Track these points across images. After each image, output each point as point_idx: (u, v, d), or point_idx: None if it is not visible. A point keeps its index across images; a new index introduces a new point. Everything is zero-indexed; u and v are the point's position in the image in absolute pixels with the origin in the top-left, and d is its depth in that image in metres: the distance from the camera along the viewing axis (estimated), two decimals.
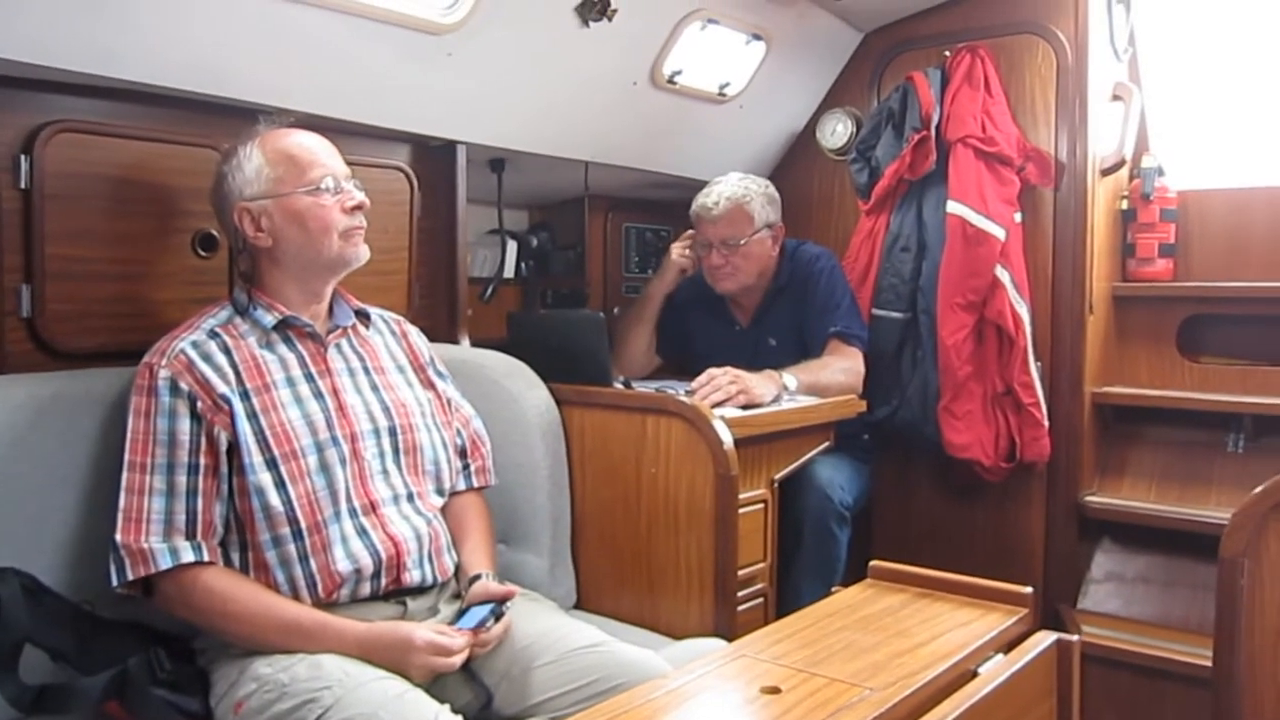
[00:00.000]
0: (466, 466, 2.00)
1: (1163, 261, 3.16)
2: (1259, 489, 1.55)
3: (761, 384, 2.47)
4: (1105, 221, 3.15)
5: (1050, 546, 3.08)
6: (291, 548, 1.67)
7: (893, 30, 3.32)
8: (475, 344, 2.58)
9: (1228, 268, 3.10)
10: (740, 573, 2.17)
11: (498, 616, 1.70)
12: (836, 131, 3.37)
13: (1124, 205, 3.21)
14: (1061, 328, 3.04)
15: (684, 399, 2.20)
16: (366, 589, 1.72)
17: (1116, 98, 3.18)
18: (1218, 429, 3.03)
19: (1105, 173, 3.12)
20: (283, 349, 1.79)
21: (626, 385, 2.48)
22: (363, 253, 1.85)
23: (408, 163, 2.51)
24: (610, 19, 2.53)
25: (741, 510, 2.16)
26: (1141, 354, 3.19)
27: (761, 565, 2.32)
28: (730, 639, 1.79)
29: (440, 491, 1.90)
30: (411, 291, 2.51)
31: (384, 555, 1.73)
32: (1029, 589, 1.42)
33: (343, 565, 1.69)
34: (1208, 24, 3.20)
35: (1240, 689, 1.57)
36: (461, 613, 1.74)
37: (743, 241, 2.84)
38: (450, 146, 2.58)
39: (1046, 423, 2.97)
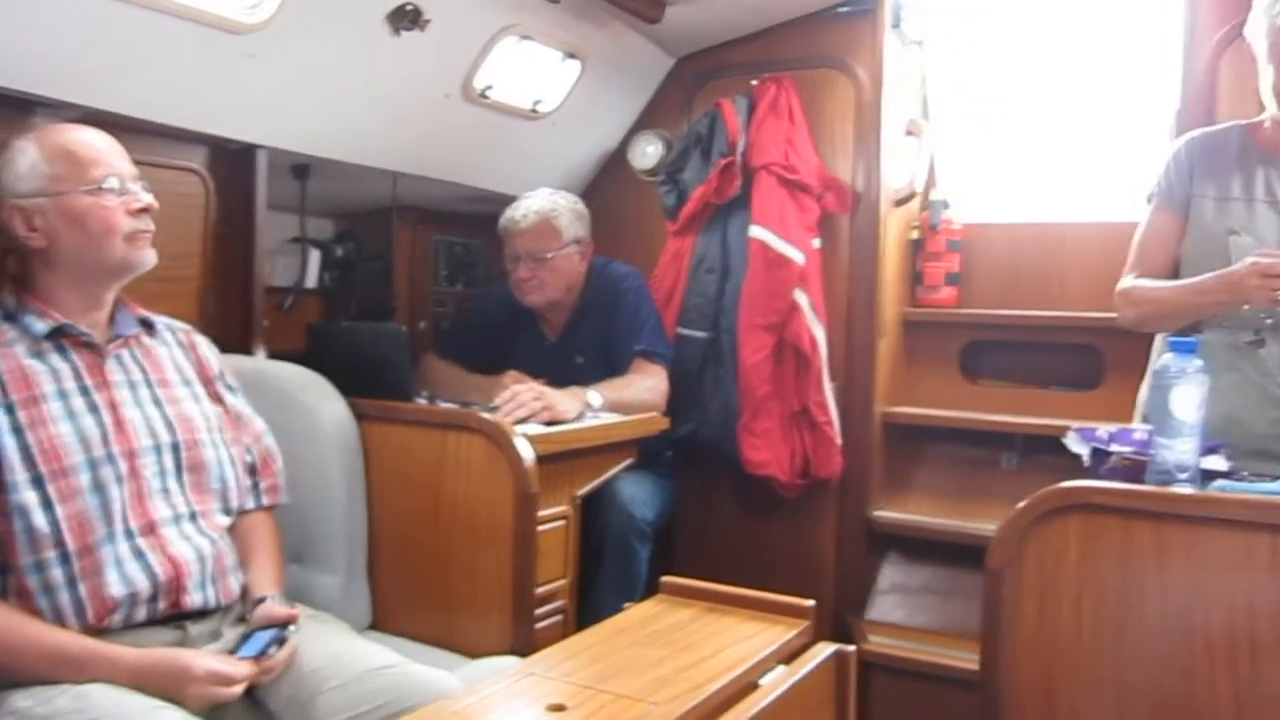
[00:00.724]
0: (256, 484, 1.92)
1: (948, 289, 3.36)
2: (1020, 505, 1.66)
3: (566, 400, 2.49)
4: (897, 250, 3.32)
5: (841, 560, 3.22)
6: (57, 572, 1.57)
7: (704, 57, 3.41)
8: (273, 356, 2.49)
9: (1005, 297, 3.31)
10: (540, 590, 2.17)
11: (281, 641, 1.64)
12: (648, 153, 3.43)
13: (914, 235, 3.39)
14: (855, 350, 3.19)
15: (486, 415, 2.19)
16: (142, 613, 1.63)
17: (910, 133, 3.36)
18: (994, 447, 3.23)
19: (898, 204, 3.30)
20: (55, 359, 1.68)
21: (431, 401, 2.45)
22: (149, 257, 1.76)
23: (204, 165, 2.41)
24: (423, 29, 2.50)
25: (542, 527, 2.16)
26: (927, 376, 3.38)
27: (562, 582, 2.33)
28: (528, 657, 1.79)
29: (227, 510, 1.82)
30: (204, 300, 2.40)
31: (162, 578, 1.64)
32: (811, 602, 1.47)
33: (116, 589, 1.60)
34: (993, 71, 3.43)
35: (1003, 691, 1.68)
36: (245, 638, 1.67)
37: (550, 255, 2.85)
38: (250, 150, 2.49)
39: (839, 441, 3.10)
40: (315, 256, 3.06)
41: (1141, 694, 1.56)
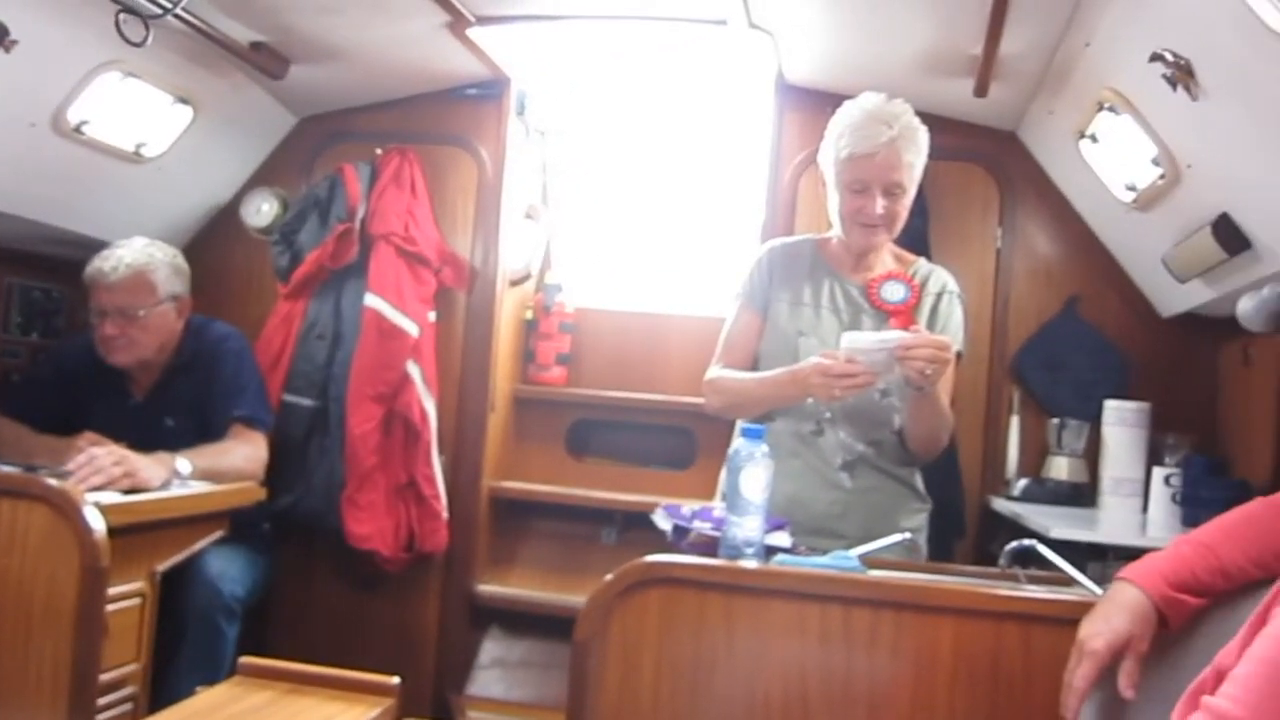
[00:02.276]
0: None
1: (558, 369, 3.48)
2: (607, 578, 1.73)
3: (150, 466, 2.29)
4: (511, 328, 3.41)
5: (443, 635, 3.19)
6: None
7: (330, 120, 3.36)
8: None
9: (612, 379, 3.49)
10: (106, 676, 1.97)
11: None
12: (262, 210, 3.29)
13: (529, 315, 3.50)
14: (465, 424, 3.21)
15: (53, 481, 1.96)
16: None
17: (529, 217, 3.49)
18: (596, 522, 3.36)
19: (514, 284, 3.40)
20: None
21: None
22: None
23: None
24: (8, 50, 2.26)
25: (112, 606, 1.97)
26: (536, 452, 3.47)
27: (133, 667, 2.12)
28: None
29: None
30: None
31: None
32: (395, 679, 1.45)
33: None
34: (608, 169, 3.66)
35: None
36: None
37: (142, 312, 2.63)
38: None
39: (446, 514, 3.09)
40: None
41: None
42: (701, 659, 1.67)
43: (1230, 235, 2.21)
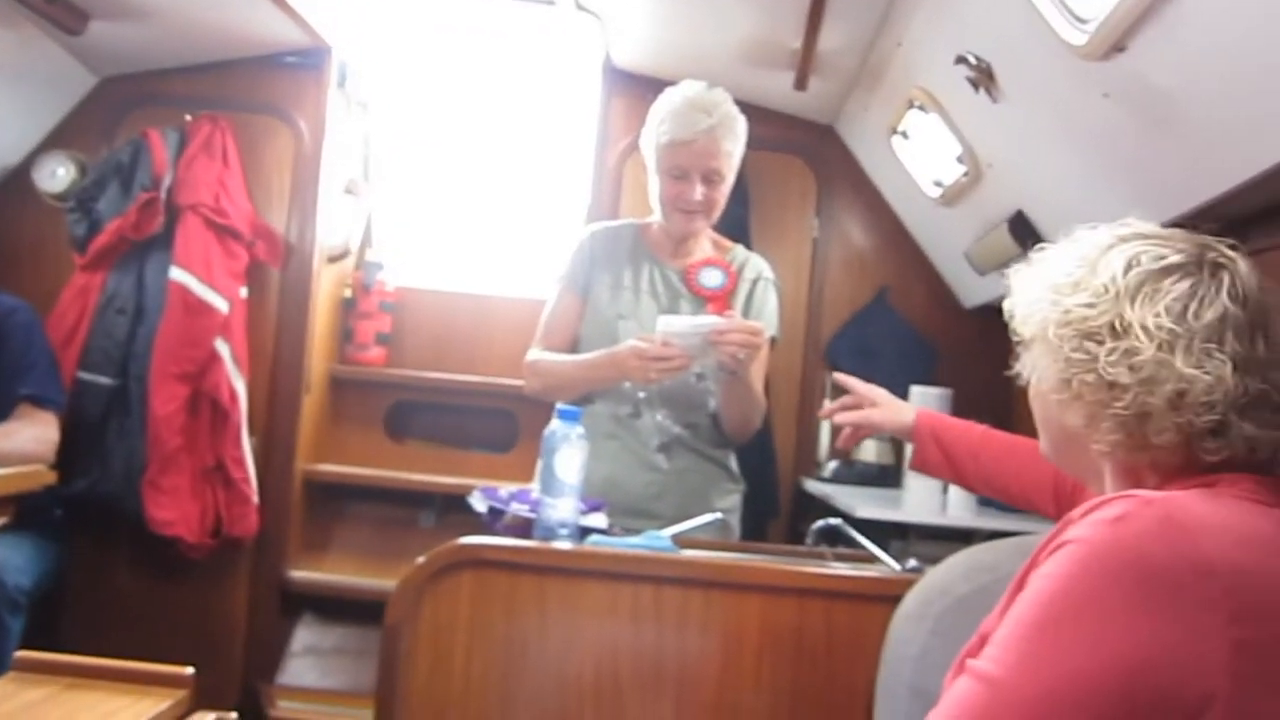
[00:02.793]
0: None
1: (378, 349, 3.39)
2: (419, 561, 1.70)
3: None
4: (328, 306, 3.30)
5: (253, 624, 3.07)
6: None
7: (134, 81, 3.17)
8: None
9: (433, 360, 3.42)
10: None
11: None
12: (57, 175, 3.07)
13: (347, 293, 3.40)
14: (279, 404, 3.10)
15: None
16: None
17: (350, 192, 3.38)
18: (415, 506, 3.31)
19: (332, 260, 3.29)
20: None
21: None
22: None
23: None
24: None
25: None
26: (353, 434, 3.38)
27: None
28: None
29: None
30: None
31: None
32: (189, 670, 1.38)
33: None
34: (433, 145, 3.58)
35: None
36: None
37: None
38: None
39: (256, 499, 2.97)
40: None
41: None
42: (514, 641, 1.67)
43: (1024, 231, 2.35)
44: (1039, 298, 1.07)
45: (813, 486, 2.99)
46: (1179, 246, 1.01)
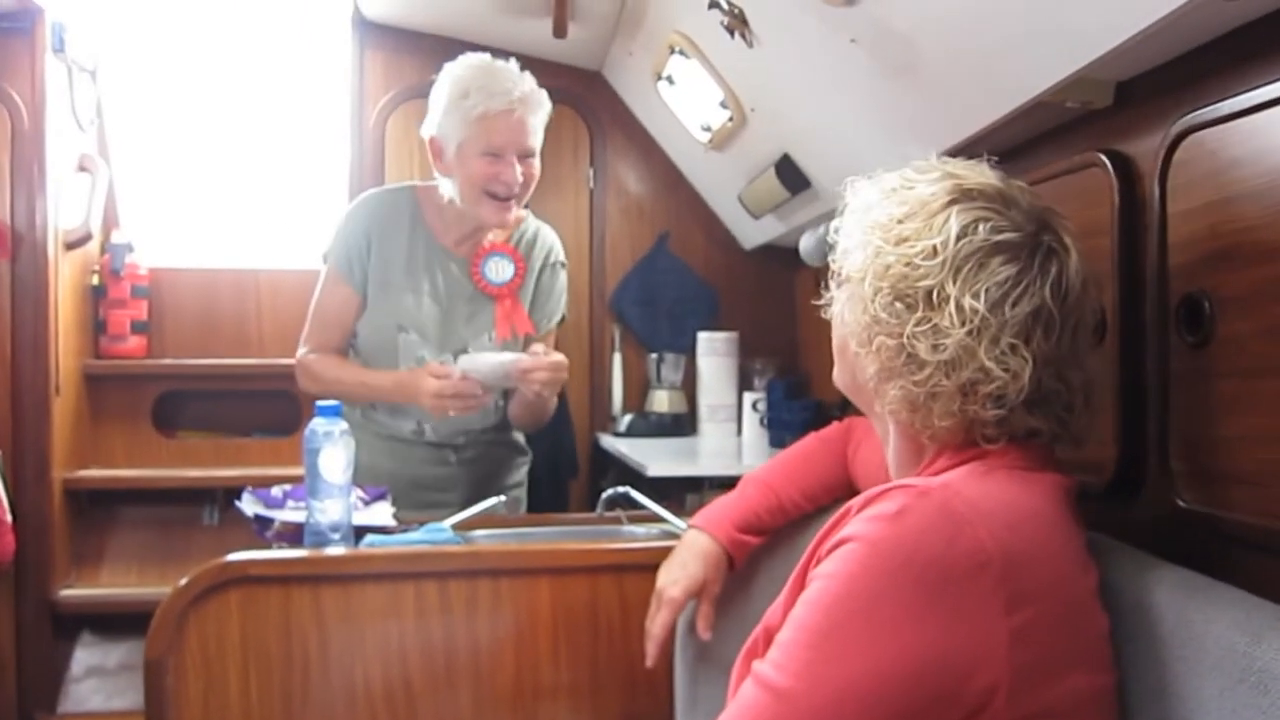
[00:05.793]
0: None
1: (136, 338, 3.13)
2: (181, 582, 1.57)
3: None
4: (73, 297, 3.02)
5: (24, 652, 2.84)
6: None
7: None
8: None
9: (200, 345, 3.20)
10: None
11: None
12: None
13: (95, 281, 3.11)
14: (23, 410, 2.82)
15: None
16: None
17: (84, 169, 3.08)
18: (195, 504, 3.10)
19: (71, 246, 2.99)
20: None
21: None
22: None
23: None
24: None
25: None
26: (118, 433, 3.13)
27: None
28: None
29: None
30: None
31: None
32: None
33: None
34: (175, 106, 3.30)
35: None
36: None
37: None
38: None
39: (9, 517, 2.71)
40: None
41: None
42: (294, 657, 1.57)
43: (791, 175, 2.35)
44: (866, 240, 1.01)
45: (608, 443, 2.96)
46: (1017, 221, 0.96)
